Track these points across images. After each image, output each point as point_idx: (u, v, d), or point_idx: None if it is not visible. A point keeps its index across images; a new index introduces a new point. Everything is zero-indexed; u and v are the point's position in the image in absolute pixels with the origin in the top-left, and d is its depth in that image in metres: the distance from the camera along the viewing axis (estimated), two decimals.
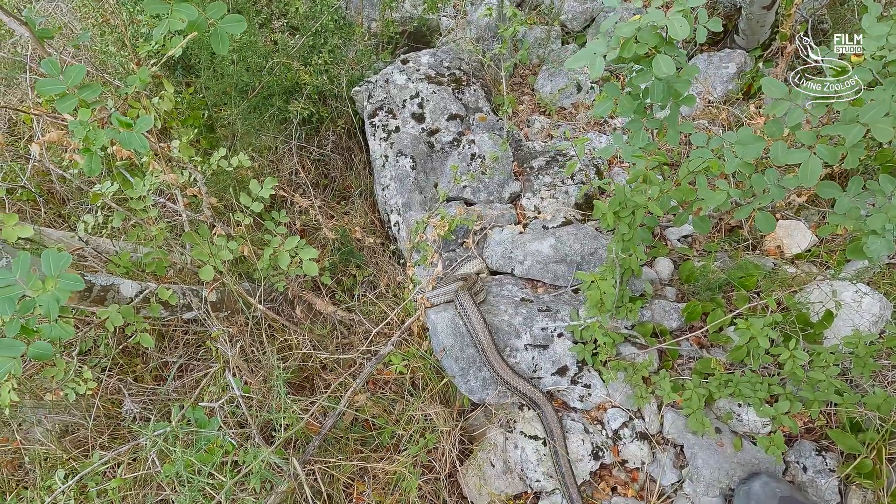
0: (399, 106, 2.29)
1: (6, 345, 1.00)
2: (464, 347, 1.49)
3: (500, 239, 1.75)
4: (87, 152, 1.01)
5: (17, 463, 1.41)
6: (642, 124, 1.34)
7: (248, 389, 1.31)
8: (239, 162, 1.78)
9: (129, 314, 1.25)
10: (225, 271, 1.64)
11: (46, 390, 1.49)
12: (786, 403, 1.10)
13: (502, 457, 1.49)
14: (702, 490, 1.30)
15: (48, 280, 1.03)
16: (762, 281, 1.62)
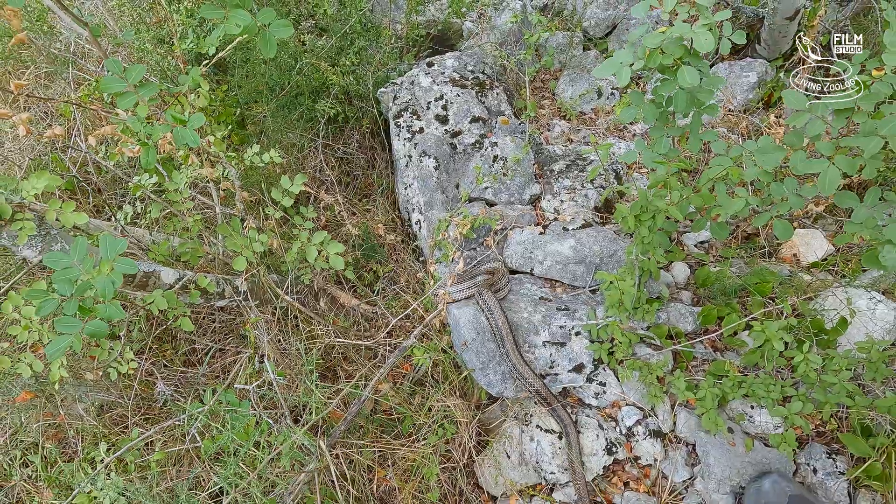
0: (423, 107, 2.35)
1: (66, 322, 1.08)
2: (484, 342, 1.55)
3: (520, 239, 1.81)
4: (144, 146, 1.08)
5: (60, 437, 1.49)
6: (664, 131, 1.39)
7: (283, 374, 1.38)
8: (270, 158, 1.86)
9: (172, 298, 1.33)
10: (256, 262, 1.72)
11: (87, 370, 1.57)
12: (798, 404, 1.14)
13: (518, 449, 1.54)
14: (713, 487, 1.34)
15: (104, 263, 1.11)
16: (778, 288, 1.65)
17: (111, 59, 1.03)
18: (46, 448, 1.41)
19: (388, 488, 1.49)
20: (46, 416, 1.48)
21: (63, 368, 1.30)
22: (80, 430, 1.45)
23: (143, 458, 1.40)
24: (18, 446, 1.42)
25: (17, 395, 1.49)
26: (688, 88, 1.20)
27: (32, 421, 1.45)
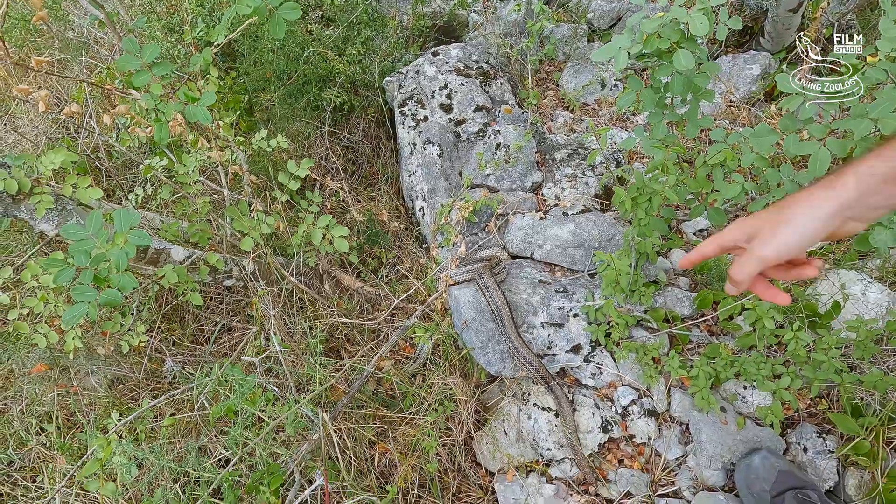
0: (428, 96, 2.39)
1: (82, 291, 1.13)
2: (484, 321, 1.59)
3: (521, 224, 1.84)
4: (157, 122, 1.13)
5: (73, 407, 1.55)
6: (663, 117, 1.42)
7: (288, 346, 1.43)
8: (278, 143, 1.91)
9: (182, 273, 1.38)
10: (262, 244, 1.77)
11: (99, 345, 1.63)
12: (787, 379, 1.17)
13: (516, 426, 1.58)
14: (704, 463, 1.38)
15: (118, 236, 1.16)
16: None
17: (128, 38, 1.08)
18: (60, 416, 1.46)
19: (388, 461, 1.53)
20: (61, 387, 1.53)
21: (78, 339, 1.35)
22: (94, 400, 1.51)
23: (152, 429, 1.46)
24: (34, 415, 1.48)
25: (32, 366, 1.55)
26: (684, 72, 1.23)
27: (47, 391, 1.51)
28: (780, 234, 0.57)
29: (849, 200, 0.55)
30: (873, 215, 0.56)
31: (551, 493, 1.46)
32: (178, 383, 1.74)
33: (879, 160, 0.54)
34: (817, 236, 0.57)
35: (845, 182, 0.55)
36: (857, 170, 0.55)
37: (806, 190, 0.58)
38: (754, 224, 0.60)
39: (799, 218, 0.56)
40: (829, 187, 0.56)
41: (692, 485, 1.40)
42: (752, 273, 0.59)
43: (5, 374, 1.71)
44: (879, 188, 0.54)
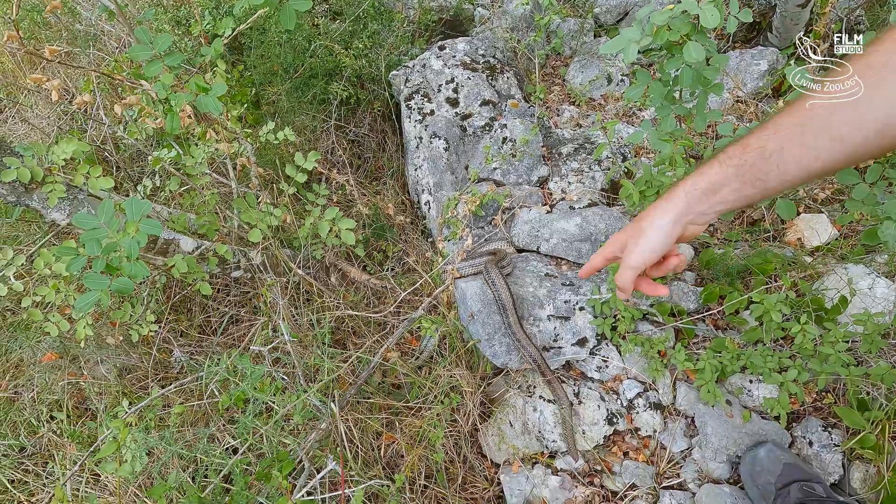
0: (435, 90, 2.39)
1: (94, 279, 1.14)
2: (490, 314, 1.59)
3: (527, 218, 1.85)
4: (169, 112, 1.13)
5: (83, 396, 1.56)
6: (671, 110, 1.42)
7: (297, 336, 1.44)
8: (285, 136, 1.91)
9: (192, 262, 1.39)
10: (270, 236, 1.77)
11: (108, 334, 1.64)
12: (794, 372, 1.18)
13: (521, 418, 1.59)
14: (710, 455, 1.39)
15: (129, 225, 1.17)
16: (780, 269, 1.68)
17: (140, 28, 1.08)
18: (70, 405, 1.48)
19: (395, 452, 1.54)
20: (71, 375, 1.55)
21: (89, 328, 1.36)
22: (104, 387, 1.52)
23: (161, 417, 1.47)
24: (44, 402, 1.49)
25: (42, 355, 1.57)
26: (694, 65, 1.23)
27: (57, 380, 1.53)
28: (640, 244, 0.69)
29: (681, 211, 0.68)
30: (705, 219, 0.69)
31: (556, 485, 1.47)
32: (185, 373, 1.76)
33: (700, 178, 0.67)
34: (668, 241, 0.69)
35: (678, 196, 0.68)
36: (685, 186, 0.68)
37: (654, 204, 0.71)
38: (622, 238, 0.73)
39: (650, 229, 0.69)
40: (667, 201, 0.69)
41: (697, 477, 1.41)
42: (630, 279, 0.71)
43: (16, 363, 1.73)
44: (702, 199, 0.67)
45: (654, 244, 0.69)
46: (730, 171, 0.65)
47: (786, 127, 0.62)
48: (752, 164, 0.63)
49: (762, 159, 0.62)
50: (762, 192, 0.65)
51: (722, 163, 0.66)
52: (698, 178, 0.67)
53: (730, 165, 0.65)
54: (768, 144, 0.62)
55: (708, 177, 0.66)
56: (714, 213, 0.68)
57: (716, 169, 0.66)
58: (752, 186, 0.64)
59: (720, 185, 0.66)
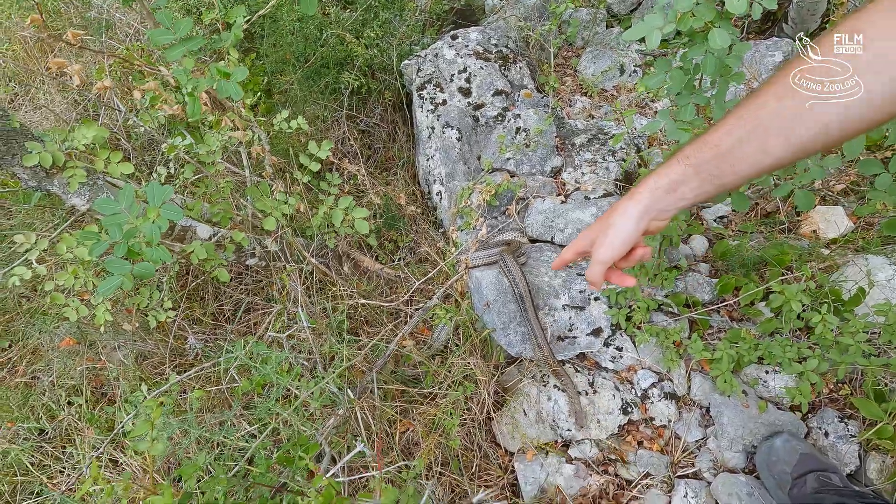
0: (447, 80, 2.37)
1: (116, 264, 1.14)
2: (506, 303, 1.60)
3: (541, 208, 1.84)
4: (190, 97, 1.13)
5: (101, 381, 1.58)
6: (690, 99, 1.41)
7: (315, 322, 1.44)
8: (298, 125, 1.91)
9: (210, 249, 1.39)
10: (284, 224, 1.78)
11: (124, 321, 1.65)
12: (814, 362, 1.18)
13: (535, 408, 1.59)
14: (725, 445, 1.39)
15: (150, 210, 1.17)
16: (796, 260, 1.67)
17: (163, 12, 1.08)
18: (88, 390, 1.49)
19: (409, 440, 1.55)
20: (89, 360, 1.56)
21: (108, 313, 1.37)
22: (122, 373, 1.54)
23: (178, 404, 1.48)
24: (63, 387, 1.51)
25: (60, 340, 1.58)
26: (717, 52, 1.22)
27: (76, 365, 1.54)
28: (608, 239, 0.73)
29: (645, 208, 0.71)
30: (667, 215, 0.72)
31: (571, 473, 1.47)
32: (200, 360, 1.77)
33: (660, 177, 0.71)
34: (634, 236, 0.72)
35: (641, 193, 0.72)
36: (648, 185, 0.72)
37: (620, 201, 0.74)
38: (592, 233, 0.77)
39: (616, 225, 0.73)
40: (632, 198, 0.72)
41: (712, 466, 1.41)
42: (600, 273, 0.75)
43: (33, 349, 1.75)
44: (663, 197, 0.70)
45: (621, 239, 0.72)
46: (689, 171, 0.68)
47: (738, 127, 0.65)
48: (707, 161, 0.67)
49: (718, 157, 0.66)
50: (718, 188, 0.69)
51: (681, 162, 0.69)
52: (660, 178, 0.71)
53: (688, 165, 0.68)
54: (722, 143, 0.66)
55: (668, 176, 0.70)
56: (675, 209, 0.72)
57: (675, 168, 0.70)
58: (709, 184, 0.68)
59: (679, 183, 0.69)
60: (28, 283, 1.93)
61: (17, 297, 1.91)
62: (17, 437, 1.41)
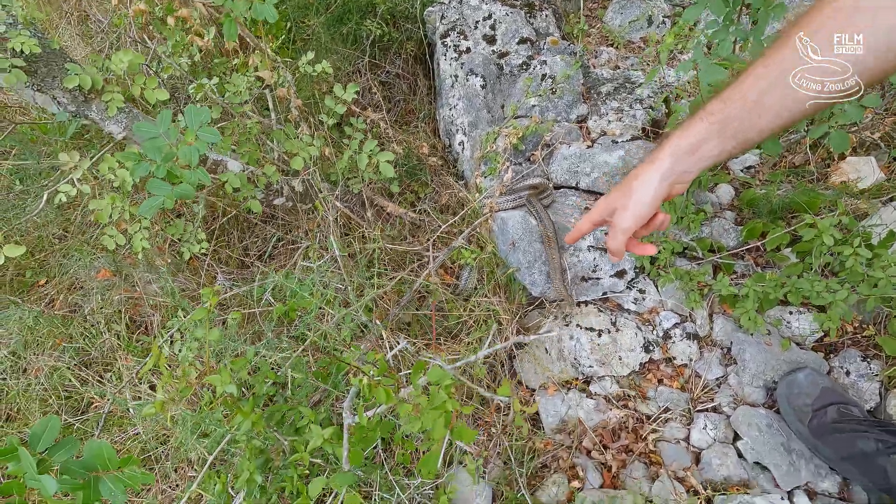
0: (471, 27, 2.33)
1: (157, 185, 1.17)
2: (531, 241, 1.61)
3: (567, 153, 1.83)
4: (227, 18, 1.13)
5: (138, 309, 1.63)
6: (729, 32, 1.38)
7: (345, 250, 1.47)
8: (322, 68, 1.90)
9: (243, 179, 1.41)
10: (311, 165, 1.79)
11: (157, 256, 1.70)
12: (844, 293, 1.18)
13: (557, 346, 1.62)
14: (747, 380, 1.41)
15: (188, 133, 1.19)
16: (825, 207, 1.66)
17: None
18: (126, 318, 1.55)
19: None
20: (125, 291, 1.61)
21: (145, 241, 1.41)
22: (157, 303, 1.59)
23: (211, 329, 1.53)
24: (102, 315, 1.57)
25: (97, 272, 1.63)
26: None
27: (113, 294, 1.59)
28: (630, 207, 0.72)
29: (666, 171, 0.70)
30: (688, 177, 0.71)
31: (591, 407, 1.51)
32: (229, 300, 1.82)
33: (681, 139, 0.69)
34: (657, 201, 0.71)
35: (662, 157, 0.70)
36: (669, 148, 0.70)
37: (641, 166, 0.73)
38: (611, 201, 0.76)
39: (638, 192, 0.71)
40: (652, 163, 0.71)
41: (732, 401, 1.44)
42: (623, 241, 0.74)
43: (69, 284, 1.80)
44: (685, 159, 0.69)
45: (643, 207, 0.71)
46: (712, 128, 0.66)
47: (764, 75, 0.62)
48: (733, 117, 0.65)
49: (744, 111, 0.64)
50: (743, 143, 0.67)
51: (703, 119, 0.67)
52: (681, 139, 0.69)
53: (712, 122, 0.67)
54: (749, 94, 0.64)
55: (690, 136, 0.68)
56: (697, 170, 0.70)
57: (697, 126, 0.68)
58: (732, 139, 0.66)
59: (702, 142, 0.67)
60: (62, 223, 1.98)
61: (51, 237, 1.96)
62: (62, 357, 1.48)
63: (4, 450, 0.81)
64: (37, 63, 1.18)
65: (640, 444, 1.45)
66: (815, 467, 1.28)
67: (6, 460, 0.81)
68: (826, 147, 1.99)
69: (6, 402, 1.46)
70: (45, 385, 1.40)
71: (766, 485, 1.28)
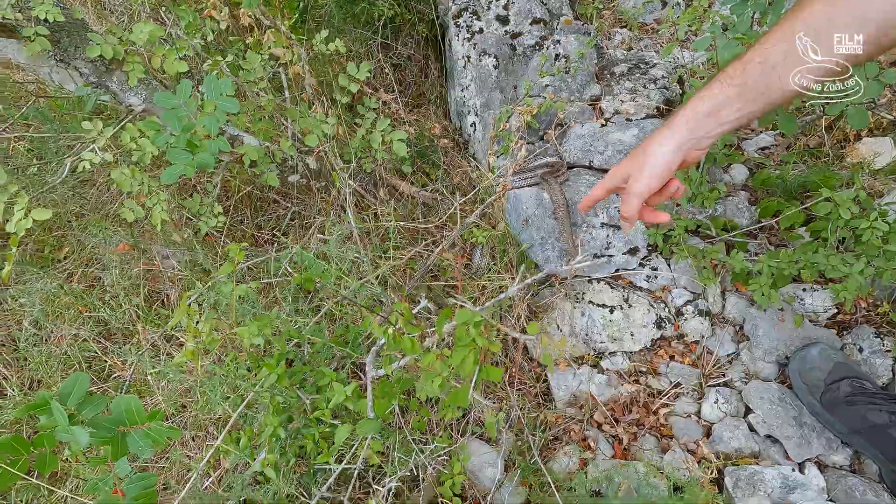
0: (484, 7, 2.32)
1: (177, 154, 1.19)
2: (545, 217, 1.62)
3: (580, 132, 1.83)
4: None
5: (157, 281, 1.66)
6: (747, 6, 1.37)
7: (361, 222, 1.49)
8: (336, 47, 1.90)
9: (260, 153, 1.43)
10: (325, 141, 1.80)
11: (173, 231, 1.72)
12: (860, 265, 1.19)
13: (569, 323, 1.64)
14: (759, 355, 1.42)
15: (208, 103, 1.20)
16: (840, 186, 1.65)
17: None
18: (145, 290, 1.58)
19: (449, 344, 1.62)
20: (144, 265, 1.64)
21: (164, 213, 1.43)
22: (175, 277, 1.62)
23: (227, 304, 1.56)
24: (122, 287, 1.59)
25: (117, 244, 1.66)
26: None
27: (132, 267, 1.62)
28: (646, 171, 0.71)
29: (684, 136, 0.69)
30: (706, 143, 0.70)
31: (603, 382, 1.53)
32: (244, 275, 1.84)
33: (700, 102, 0.68)
34: (673, 166, 0.71)
35: (679, 122, 0.69)
36: (686, 113, 0.69)
37: (657, 131, 0.72)
38: (626, 168, 0.75)
39: (654, 157, 0.70)
40: (669, 127, 0.70)
41: (744, 376, 1.45)
42: (637, 207, 0.73)
43: (88, 259, 1.83)
44: (703, 123, 0.68)
45: (658, 172, 0.70)
46: (731, 91, 0.65)
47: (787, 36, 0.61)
48: (755, 79, 0.64)
49: (765, 73, 0.63)
50: (764, 106, 0.66)
51: (723, 83, 0.66)
52: (700, 102, 0.68)
53: (731, 85, 0.65)
54: (770, 56, 0.62)
55: (709, 99, 0.67)
56: (714, 135, 0.69)
57: (716, 90, 0.67)
58: (753, 103, 0.65)
59: (722, 105, 0.66)
60: (78, 201, 2.00)
61: (69, 214, 1.99)
62: (82, 327, 1.51)
63: (36, 403, 0.84)
64: (59, 32, 1.19)
65: (651, 418, 1.47)
66: (826, 441, 1.29)
67: (39, 413, 0.84)
68: (842, 128, 1.98)
69: (30, 370, 1.49)
70: (69, 353, 1.43)
71: (778, 457, 1.29)
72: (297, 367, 0.95)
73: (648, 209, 0.77)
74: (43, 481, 1.11)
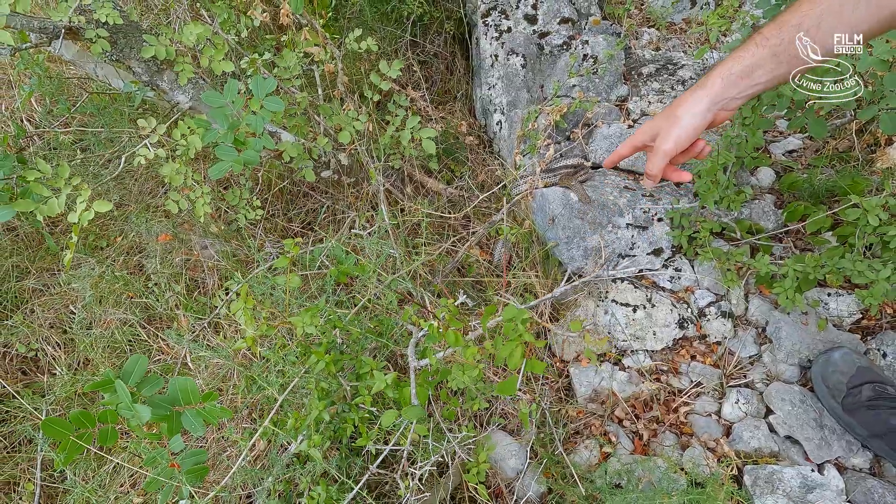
0: (513, 7, 2.35)
1: (225, 150, 1.25)
2: (572, 217, 1.65)
3: (607, 133, 1.85)
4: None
5: (197, 270, 1.74)
6: (780, 8, 1.37)
7: (395, 218, 1.54)
8: (367, 46, 1.95)
9: (299, 149, 1.49)
10: (357, 139, 1.86)
11: (211, 223, 1.80)
12: (887, 271, 1.20)
13: (592, 321, 1.67)
14: (781, 357, 1.44)
15: (253, 102, 1.26)
16: (869, 191, 1.65)
17: None
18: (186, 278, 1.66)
19: None
20: (185, 254, 1.72)
21: (207, 206, 1.50)
22: (214, 266, 1.69)
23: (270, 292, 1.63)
24: (164, 275, 1.68)
25: (158, 234, 1.74)
26: None
27: (174, 256, 1.70)
28: (674, 130, 0.72)
29: (716, 96, 0.70)
30: (735, 104, 0.72)
31: (624, 379, 1.56)
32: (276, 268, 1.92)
33: (735, 62, 0.69)
34: (701, 126, 0.72)
35: (713, 82, 0.70)
36: (720, 72, 0.70)
37: (690, 90, 0.73)
38: (655, 126, 0.76)
39: (684, 115, 0.72)
40: (702, 87, 0.72)
41: (765, 377, 1.47)
42: (662, 165, 0.75)
43: (128, 248, 1.93)
44: (736, 83, 0.69)
45: (688, 130, 0.72)
46: (766, 52, 0.67)
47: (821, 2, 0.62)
48: (790, 41, 0.65)
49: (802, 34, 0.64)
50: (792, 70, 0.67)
51: (758, 45, 0.68)
52: (733, 63, 0.69)
53: (766, 46, 0.67)
54: (805, 21, 0.64)
55: (743, 60, 0.68)
56: (745, 96, 0.71)
57: (752, 51, 0.68)
58: (787, 65, 0.67)
59: (755, 66, 0.68)
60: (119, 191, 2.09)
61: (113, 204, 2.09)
62: (128, 312, 1.60)
63: (102, 381, 0.91)
64: (117, 34, 1.26)
65: (672, 416, 1.50)
66: (846, 443, 1.31)
67: (103, 391, 0.91)
68: (872, 132, 1.97)
69: (80, 352, 1.59)
70: (117, 336, 1.52)
71: (797, 458, 1.32)
72: (336, 356, 1.01)
73: (672, 168, 0.79)
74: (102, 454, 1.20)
